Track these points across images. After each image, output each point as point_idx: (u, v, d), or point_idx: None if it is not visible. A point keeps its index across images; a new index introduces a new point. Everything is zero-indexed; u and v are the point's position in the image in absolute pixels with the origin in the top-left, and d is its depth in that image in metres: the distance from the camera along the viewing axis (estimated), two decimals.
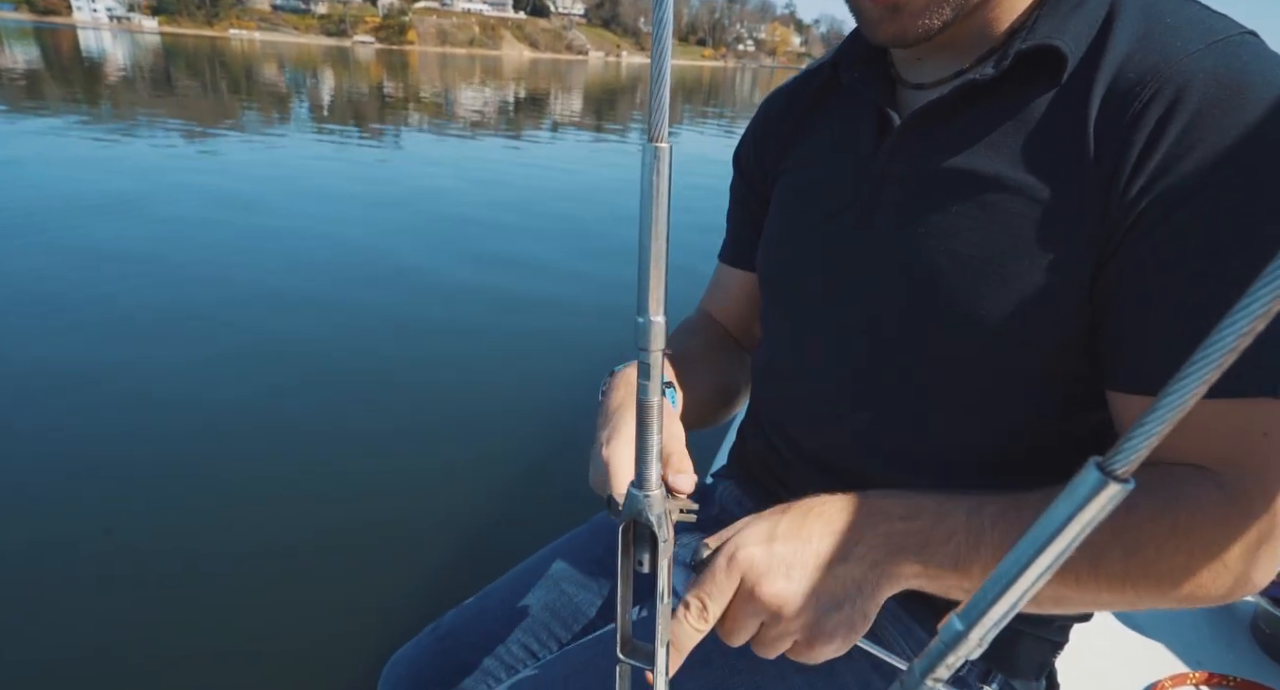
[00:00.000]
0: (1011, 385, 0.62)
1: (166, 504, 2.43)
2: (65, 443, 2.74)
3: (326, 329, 4.01)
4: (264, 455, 2.78)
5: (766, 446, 0.83)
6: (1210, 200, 0.50)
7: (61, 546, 2.19)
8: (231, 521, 2.37)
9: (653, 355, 0.37)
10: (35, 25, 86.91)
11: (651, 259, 0.35)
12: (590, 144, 13.43)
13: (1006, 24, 0.61)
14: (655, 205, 0.35)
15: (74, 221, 5.57)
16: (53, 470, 2.57)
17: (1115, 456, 0.19)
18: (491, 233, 6.30)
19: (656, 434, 0.41)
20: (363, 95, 21.68)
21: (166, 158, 8.77)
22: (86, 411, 2.96)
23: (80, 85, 18.15)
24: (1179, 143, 0.51)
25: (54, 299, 4.05)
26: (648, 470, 0.42)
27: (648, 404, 0.39)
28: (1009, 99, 0.59)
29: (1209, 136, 0.50)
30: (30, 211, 5.72)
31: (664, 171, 0.35)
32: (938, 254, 0.61)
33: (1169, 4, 0.57)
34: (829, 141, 0.76)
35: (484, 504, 2.57)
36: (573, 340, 4.11)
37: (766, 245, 0.81)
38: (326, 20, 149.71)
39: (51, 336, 3.61)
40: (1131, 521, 0.52)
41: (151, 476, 2.57)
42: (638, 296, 0.36)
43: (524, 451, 2.93)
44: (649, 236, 0.35)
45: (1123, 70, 0.54)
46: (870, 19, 0.60)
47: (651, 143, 0.34)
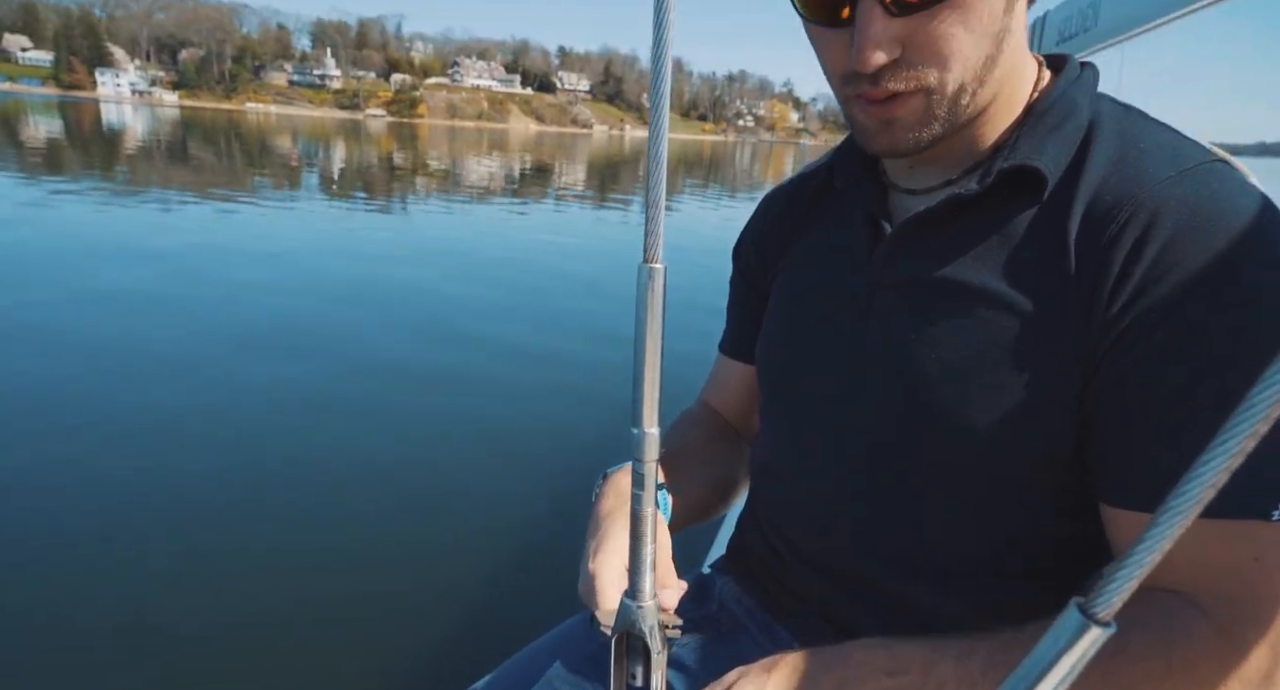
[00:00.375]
0: (1006, 492, 0.63)
1: (150, 574, 2.34)
2: (48, 509, 2.63)
3: (313, 405, 3.92)
4: (235, 536, 2.65)
5: (764, 544, 0.83)
6: (1186, 322, 0.52)
7: (39, 627, 2.06)
8: (210, 597, 2.25)
9: (647, 465, 0.38)
10: (60, 99, 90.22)
11: (646, 372, 0.36)
12: (593, 212, 13.63)
13: (991, 140, 0.65)
14: (650, 321, 0.36)
15: (29, 292, 5.54)
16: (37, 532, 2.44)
17: (1097, 599, 0.18)
18: (488, 308, 6.28)
19: (650, 544, 0.41)
20: (370, 165, 22.24)
21: (154, 224, 8.87)
22: (73, 472, 2.87)
23: (97, 154, 18.63)
24: (1154, 266, 0.54)
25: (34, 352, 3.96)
26: (641, 581, 0.42)
27: (641, 514, 0.40)
28: (994, 213, 0.63)
29: (1182, 261, 0.53)
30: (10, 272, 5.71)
31: (658, 290, 0.36)
32: (929, 362, 0.64)
33: (1142, 128, 0.61)
34: (826, 244, 0.78)
35: (474, 589, 2.43)
36: (567, 418, 4.00)
37: (765, 345, 0.83)
38: (341, 95, 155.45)
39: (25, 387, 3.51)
40: (1122, 662, 0.51)
41: (134, 546, 2.47)
42: (632, 408, 0.37)
43: (516, 535, 2.80)
44: (644, 350, 0.36)
45: (1100, 192, 0.58)
46: (865, 129, 0.63)
47: (646, 263, 0.35)
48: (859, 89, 0.59)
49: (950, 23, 0.55)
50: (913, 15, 0.55)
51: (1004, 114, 0.65)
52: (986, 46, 0.58)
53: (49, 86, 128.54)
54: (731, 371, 0.94)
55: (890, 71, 0.57)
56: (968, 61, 0.57)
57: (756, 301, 0.88)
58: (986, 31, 0.57)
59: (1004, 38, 0.59)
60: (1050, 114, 0.63)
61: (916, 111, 0.59)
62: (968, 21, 0.56)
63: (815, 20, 0.60)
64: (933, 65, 0.57)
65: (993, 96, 0.62)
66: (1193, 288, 0.52)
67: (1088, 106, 0.64)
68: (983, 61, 0.58)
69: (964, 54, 0.57)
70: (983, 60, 0.58)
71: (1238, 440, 0.16)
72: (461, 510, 2.92)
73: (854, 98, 0.61)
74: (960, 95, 0.59)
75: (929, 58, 0.56)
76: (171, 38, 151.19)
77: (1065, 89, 0.64)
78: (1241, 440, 0.16)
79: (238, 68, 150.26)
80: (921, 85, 0.58)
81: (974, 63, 0.58)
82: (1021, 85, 0.65)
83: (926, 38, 0.56)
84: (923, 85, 0.58)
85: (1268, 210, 0.55)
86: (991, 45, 0.58)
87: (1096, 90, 0.66)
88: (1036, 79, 0.67)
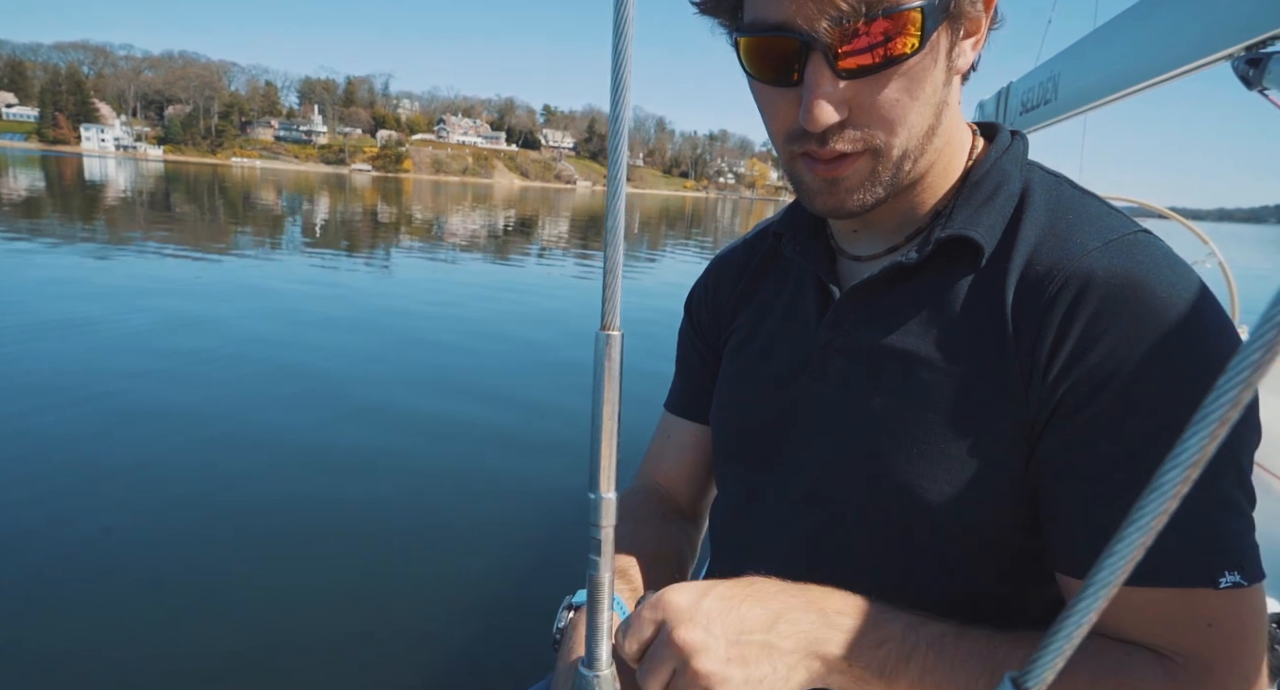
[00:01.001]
0: (966, 559, 0.64)
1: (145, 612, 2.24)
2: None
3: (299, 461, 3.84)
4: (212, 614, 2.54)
5: None
6: (1113, 397, 0.55)
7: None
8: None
9: (604, 531, 0.38)
10: (43, 154, 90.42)
11: (604, 438, 0.36)
12: (574, 266, 13.73)
13: (930, 206, 0.68)
14: (607, 387, 0.36)
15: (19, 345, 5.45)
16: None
17: (1029, 672, 0.18)
18: (470, 359, 6.24)
19: (608, 611, 0.41)
20: (352, 217, 22.34)
21: (137, 278, 8.80)
22: (63, 510, 2.77)
23: (76, 208, 18.58)
24: (1083, 340, 0.56)
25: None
26: (598, 649, 0.42)
27: (599, 580, 0.40)
28: (934, 281, 0.65)
29: (1109, 334, 0.55)
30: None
31: (615, 357, 0.36)
32: (879, 432, 0.65)
33: (1070, 198, 0.64)
34: (778, 307, 0.79)
35: (426, 664, 2.34)
36: (527, 477, 3.94)
37: (720, 410, 0.83)
38: (327, 150, 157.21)
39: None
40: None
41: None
42: (590, 472, 0.37)
43: (475, 601, 2.71)
44: (601, 416, 0.36)
45: (1032, 262, 0.60)
46: (810, 189, 0.64)
47: (603, 330, 0.35)
48: (805, 147, 0.60)
49: (896, 89, 0.57)
50: (860, 79, 0.56)
51: (942, 181, 0.67)
52: (928, 115, 0.60)
53: (32, 142, 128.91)
54: (682, 433, 0.91)
55: (837, 132, 0.58)
56: (912, 128, 0.59)
57: (709, 357, 0.88)
58: (929, 100, 0.59)
59: (943, 109, 0.61)
60: (984, 184, 0.66)
61: (861, 173, 0.61)
62: (912, 89, 0.58)
63: (764, 80, 0.61)
64: (879, 128, 0.58)
65: (930, 164, 0.65)
66: (1119, 362, 0.55)
67: (1019, 176, 0.67)
68: (925, 129, 0.60)
69: (909, 120, 0.59)
70: (925, 128, 0.60)
71: (1152, 514, 0.16)
72: (412, 576, 2.84)
73: (799, 156, 0.62)
74: (904, 160, 0.61)
75: (875, 121, 0.58)
76: (159, 94, 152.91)
77: (997, 159, 0.67)
78: (1154, 516, 0.16)
79: (224, 123, 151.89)
80: (868, 147, 0.59)
81: (917, 130, 0.60)
82: (957, 154, 0.68)
83: (873, 102, 0.57)
84: (869, 147, 0.59)
85: (1186, 281, 0.57)
86: (932, 114, 0.60)
87: (1027, 159, 0.69)
88: (971, 147, 0.70)
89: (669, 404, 0.94)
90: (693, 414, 0.90)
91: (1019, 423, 0.59)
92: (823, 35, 0.54)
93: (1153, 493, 0.16)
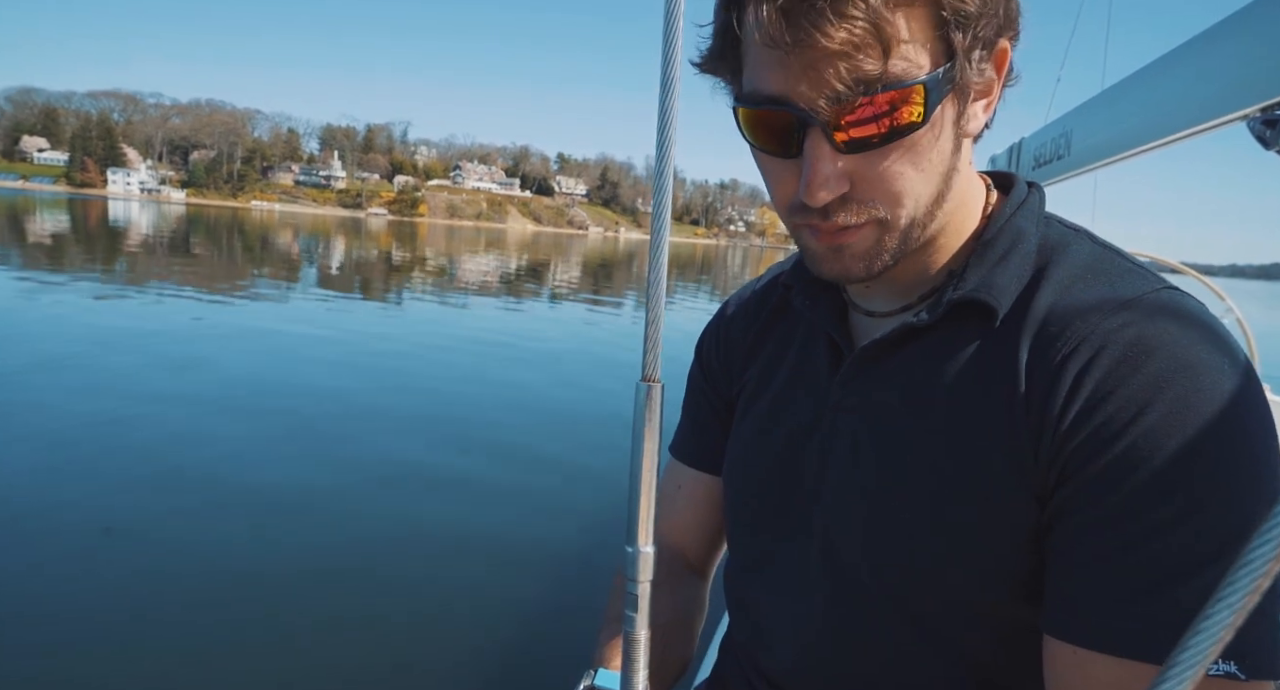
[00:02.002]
0: (978, 627, 0.62)
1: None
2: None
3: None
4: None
5: (740, 674, 0.80)
6: (1124, 448, 0.52)
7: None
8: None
9: (640, 586, 0.37)
10: (70, 196, 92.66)
11: (643, 490, 0.35)
12: (587, 313, 13.79)
13: (942, 265, 0.66)
14: (648, 439, 0.35)
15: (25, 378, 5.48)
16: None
17: None
18: (477, 406, 6.22)
19: (644, 669, 0.40)
20: (367, 260, 22.62)
21: (138, 317, 8.89)
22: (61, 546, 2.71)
23: (100, 248, 18.92)
24: (1091, 404, 0.54)
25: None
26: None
27: (634, 638, 0.39)
28: (947, 342, 0.63)
29: (1123, 388, 0.53)
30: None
31: (655, 408, 0.35)
32: (889, 495, 0.63)
33: (1089, 256, 0.62)
34: (789, 362, 0.77)
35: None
36: (553, 530, 3.89)
37: (732, 470, 0.81)
38: (344, 194, 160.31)
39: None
40: None
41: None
42: (627, 526, 0.36)
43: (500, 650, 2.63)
44: (640, 468, 0.35)
45: (1046, 322, 0.58)
46: (815, 255, 0.62)
47: (644, 381, 0.34)
48: (808, 219, 0.59)
49: (899, 161, 0.55)
50: (862, 153, 0.55)
51: (954, 241, 0.66)
52: (935, 184, 0.58)
53: (60, 185, 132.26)
54: (692, 484, 0.88)
55: (840, 205, 0.57)
56: (919, 199, 0.58)
57: (720, 405, 0.86)
58: (935, 171, 0.57)
59: (952, 176, 0.59)
60: (998, 243, 0.64)
61: (868, 240, 0.59)
62: (917, 162, 0.56)
63: (765, 151, 0.59)
64: (882, 202, 0.57)
65: (942, 227, 0.63)
66: (1137, 419, 0.52)
67: (1034, 232, 0.64)
68: (932, 197, 0.58)
69: (914, 192, 0.57)
70: (932, 196, 0.58)
71: (1244, 592, 0.15)
72: (414, 629, 2.77)
73: (803, 226, 0.60)
74: (911, 229, 0.59)
75: (879, 195, 0.56)
76: (185, 140, 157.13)
77: (1010, 216, 0.65)
78: (1246, 593, 0.15)
79: (246, 168, 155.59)
80: (872, 218, 0.57)
81: (924, 200, 0.58)
82: (970, 213, 0.66)
83: (875, 175, 0.56)
84: (874, 218, 0.58)
85: (1213, 340, 0.54)
86: (940, 183, 0.58)
87: (1043, 212, 0.67)
88: (985, 202, 0.67)
89: (676, 450, 0.91)
90: (704, 464, 0.87)
91: (1030, 489, 0.57)
92: (821, 111, 0.53)
93: (1242, 569, 0.15)
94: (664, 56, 0.33)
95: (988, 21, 0.54)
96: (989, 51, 0.56)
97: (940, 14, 0.52)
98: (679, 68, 0.33)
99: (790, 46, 0.51)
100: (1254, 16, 1.26)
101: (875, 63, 0.51)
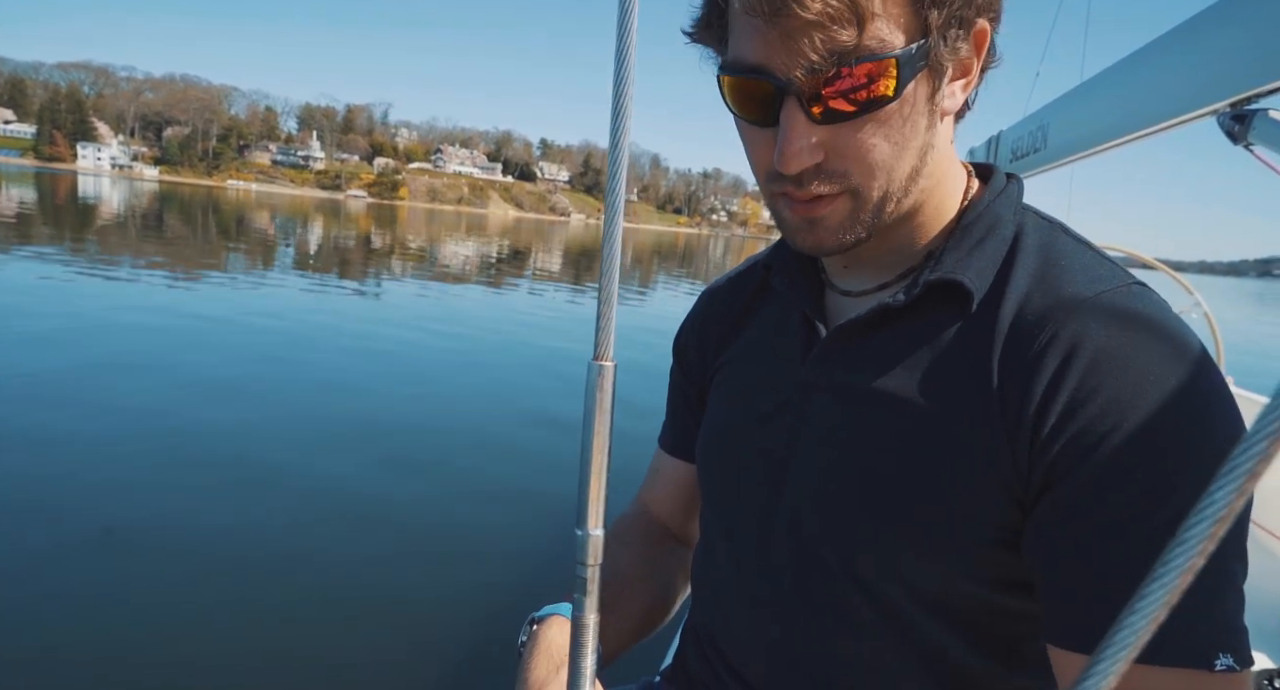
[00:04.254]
0: (949, 622, 0.62)
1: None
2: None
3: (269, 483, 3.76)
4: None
5: (701, 658, 0.80)
6: (1115, 455, 0.52)
7: None
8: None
9: (589, 569, 0.37)
10: (37, 170, 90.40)
11: (593, 472, 0.35)
12: (564, 297, 13.76)
13: (921, 245, 0.67)
14: (598, 420, 0.35)
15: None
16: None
17: None
18: (454, 390, 6.19)
19: (591, 654, 0.39)
20: (344, 242, 22.35)
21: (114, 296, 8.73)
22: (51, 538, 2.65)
23: (67, 225, 18.51)
24: (1076, 396, 0.54)
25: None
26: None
27: (583, 622, 0.38)
28: (922, 324, 0.64)
29: (1104, 390, 0.53)
30: None
31: (607, 388, 0.34)
32: (860, 478, 0.63)
33: (1063, 244, 0.63)
34: (764, 343, 0.78)
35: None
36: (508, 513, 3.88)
37: (705, 446, 0.81)
38: (323, 175, 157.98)
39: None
40: None
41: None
42: (577, 507, 0.35)
43: (450, 639, 2.64)
44: (590, 450, 0.35)
45: (1023, 308, 0.59)
46: (790, 226, 0.63)
47: (596, 360, 0.34)
48: (783, 187, 0.60)
49: (872, 134, 0.56)
50: (836, 124, 0.56)
51: (932, 221, 0.66)
52: (910, 158, 0.59)
53: (27, 158, 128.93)
54: (670, 468, 0.92)
55: (814, 174, 0.58)
56: (891, 171, 0.58)
57: (695, 395, 0.87)
58: (909, 144, 0.58)
59: (927, 151, 0.60)
60: (975, 227, 0.65)
61: (840, 213, 0.60)
62: (890, 134, 0.57)
63: (745, 119, 0.60)
64: (855, 172, 0.58)
65: (918, 204, 0.64)
66: (1114, 424, 0.52)
67: (1012, 220, 0.65)
68: (907, 172, 0.59)
69: (887, 164, 0.58)
70: (907, 171, 0.59)
71: (1166, 586, 0.16)
72: (386, 612, 2.77)
73: (779, 195, 0.61)
74: (885, 202, 0.60)
75: (851, 165, 0.58)
76: (159, 116, 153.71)
77: (990, 201, 0.66)
78: (1168, 589, 0.16)
79: (222, 146, 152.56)
80: (845, 188, 0.59)
81: (898, 173, 0.59)
82: (950, 194, 0.67)
83: (848, 146, 0.57)
84: (847, 188, 0.59)
85: (1181, 338, 0.55)
86: (915, 157, 0.59)
87: (1021, 202, 0.68)
88: (966, 188, 0.68)
89: (660, 439, 0.94)
90: (680, 451, 0.91)
91: (1003, 481, 0.57)
92: (797, 81, 0.54)
93: (1162, 568, 0.16)
94: (619, 27, 0.33)
95: (964, 0, 0.55)
96: (966, 31, 0.57)
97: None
98: (634, 36, 0.33)
99: (769, 16, 0.52)
100: (1224, 13, 1.28)
101: (850, 35, 0.52)
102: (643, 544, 0.90)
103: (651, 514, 0.94)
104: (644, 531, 0.92)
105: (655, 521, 0.93)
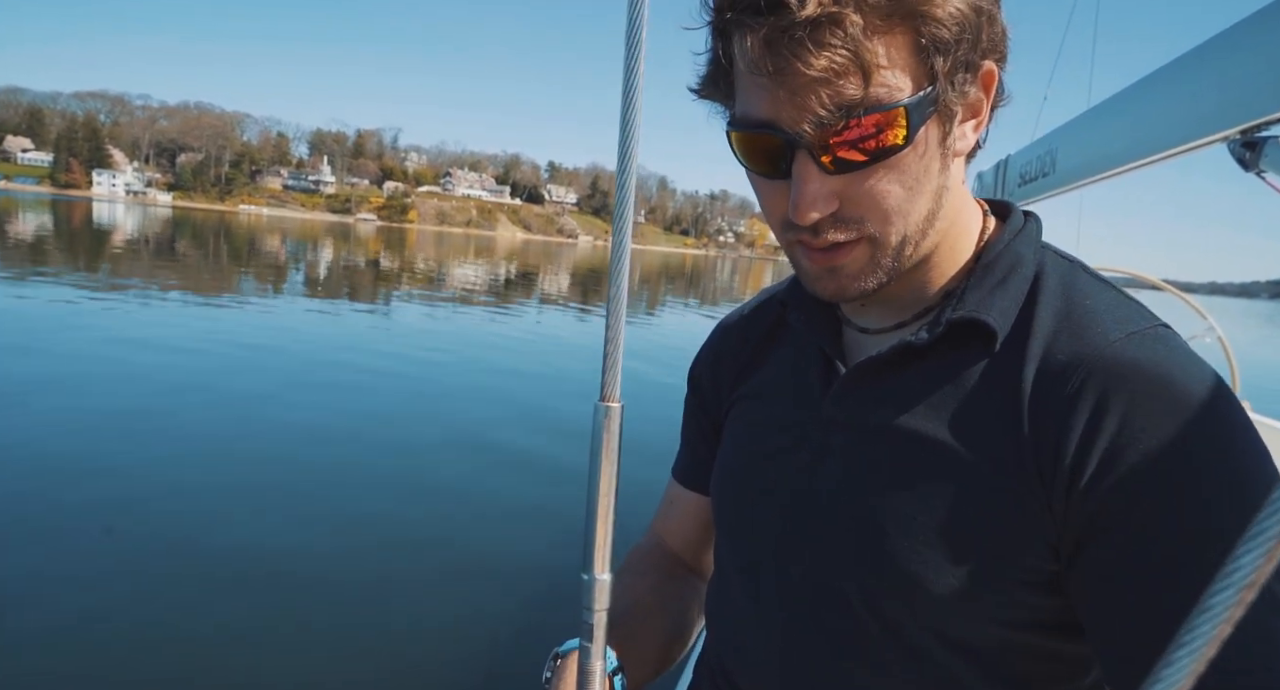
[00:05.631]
0: (971, 661, 0.61)
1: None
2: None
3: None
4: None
5: (712, 686, 0.80)
6: (1162, 501, 0.52)
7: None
8: None
9: (596, 616, 0.36)
10: (54, 197, 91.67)
11: (599, 515, 0.34)
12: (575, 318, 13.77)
13: (939, 285, 0.66)
14: (605, 462, 0.34)
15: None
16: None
17: None
18: (464, 416, 6.19)
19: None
20: (354, 266, 22.50)
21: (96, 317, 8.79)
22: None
23: (81, 250, 18.73)
24: (1118, 440, 0.53)
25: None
26: None
27: (589, 669, 0.38)
28: (944, 363, 0.63)
29: (1147, 432, 0.53)
30: None
31: (614, 430, 0.34)
32: (883, 515, 0.62)
33: (1085, 283, 0.63)
34: (781, 379, 0.77)
35: None
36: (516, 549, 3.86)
37: (720, 480, 0.81)
38: (333, 199, 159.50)
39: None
40: None
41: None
42: (583, 552, 0.35)
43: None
44: (597, 492, 0.34)
45: (1050, 350, 0.58)
46: (809, 275, 0.63)
47: (603, 402, 0.33)
48: (799, 235, 0.60)
49: (886, 181, 0.56)
50: (848, 173, 0.56)
51: (948, 261, 0.66)
52: (926, 202, 0.59)
53: (44, 186, 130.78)
54: (684, 500, 0.92)
55: (829, 223, 0.58)
56: (907, 216, 0.58)
57: (710, 427, 0.87)
58: (923, 188, 0.58)
59: (942, 193, 0.60)
60: (997, 266, 0.64)
61: (860, 260, 0.60)
62: (903, 180, 0.57)
63: (756, 172, 0.60)
64: (871, 219, 0.58)
65: (935, 246, 0.64)
66: (1160, 468, 0.52)
67: (1032, 258, 0.65)
68: (923, 216, 0.59)
69: (902, 209, 0.58)
70: (923, 214, 0.59)
71: (1205, 638, 0.15)
72: (403, 640, 2.74)
73: (796, 243, 0.61)
74: (904, 246, 0.60)
75: (867, 212, 0.57)
76: (173, 142, 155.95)
77: (1009, 241, 0.66)
78: (1207, 640, 0.15)
79: (234, 172, 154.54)
80: (862, 235, 0.58)
81: (914, 217, 0.59)
82: (966, 234, 0.67)
83: (862, 193, 0.57)
84: (863, 234, 0.58)
85: (1210, 379, 0.55)
86: (930, 200, 0.59)
87: (1040, 240, 0.67)
88: (982, 227, 0.68)
89: (674, 470, 0.94)
90: (695, 484, 0.90)
91: (1033, 525, 0.56)
92: (806, 134, 0.54)
93: (1203, 614, 0.16)
94: (627, 50, 0.32)
95: (968, 46, 0.55)
96: (973, 74, 0.57)
97: (920, 40, 0.53)
98: (642, 60, 0.32)
99: (773, 74, 0.52)
100: (1234, 39, 1.28)
101: (857, 88, 0.52)
102: (657, 575, 0.89)
103: (665, 545, 0.93)
104: (658, 562, 0.91)
105: (669, 552, 0.93)
